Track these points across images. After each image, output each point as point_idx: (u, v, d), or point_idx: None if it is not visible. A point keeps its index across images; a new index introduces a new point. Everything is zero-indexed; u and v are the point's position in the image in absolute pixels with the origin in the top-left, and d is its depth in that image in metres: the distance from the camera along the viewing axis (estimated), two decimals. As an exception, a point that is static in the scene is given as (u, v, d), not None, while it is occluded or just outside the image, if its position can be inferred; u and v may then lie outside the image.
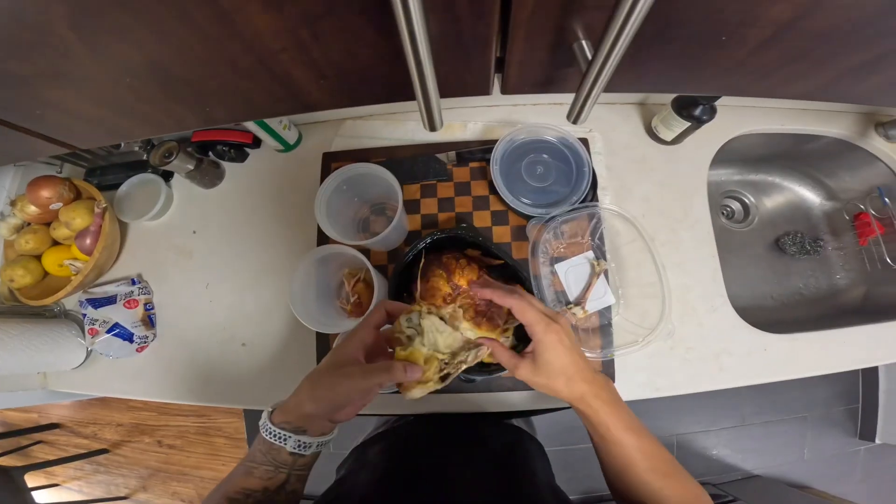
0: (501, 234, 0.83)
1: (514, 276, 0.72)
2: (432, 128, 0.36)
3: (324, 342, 0.81)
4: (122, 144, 0.93)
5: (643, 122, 0.91)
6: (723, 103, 0.83)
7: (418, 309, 0.50)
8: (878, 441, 1.75)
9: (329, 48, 0.31)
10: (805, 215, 1.05)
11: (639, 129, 0.91)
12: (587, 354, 0.69)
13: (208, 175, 0.92)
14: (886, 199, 0.90)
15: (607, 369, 0.77)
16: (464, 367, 0.50)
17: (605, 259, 0.80)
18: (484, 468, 0.60)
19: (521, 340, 0.72)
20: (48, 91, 0.33)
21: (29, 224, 0.90)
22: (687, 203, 0.87)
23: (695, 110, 0.79)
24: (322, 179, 0.88)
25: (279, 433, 0.44)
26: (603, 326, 0.78)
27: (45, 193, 0.82)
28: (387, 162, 0.83)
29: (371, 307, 0.69)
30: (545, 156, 0.82)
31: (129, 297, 0.87)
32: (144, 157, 0.92)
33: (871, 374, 1.78)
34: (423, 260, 0.71)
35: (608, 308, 0.79)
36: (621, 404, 0.50)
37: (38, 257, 0.90)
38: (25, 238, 0.86)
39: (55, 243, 0.90)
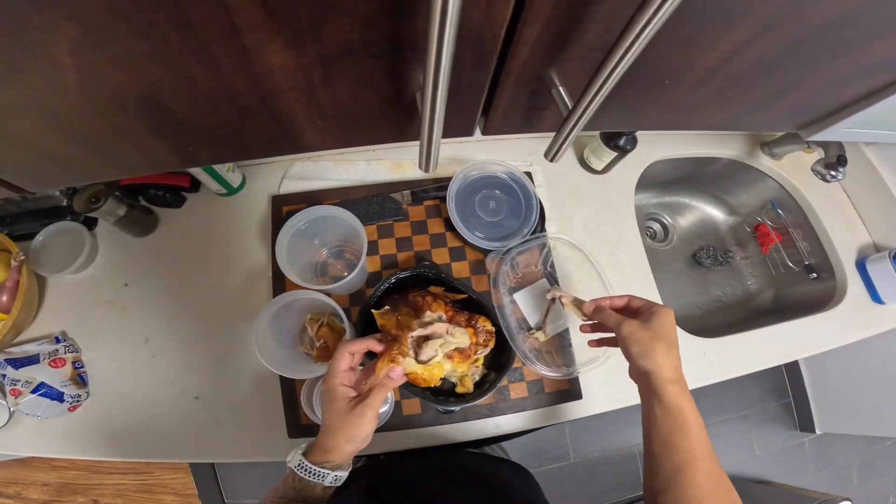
0: (460, 269, 0.85)
1: (479, 307, 0.74)
2: (428, 169, 0.38)
3: (289, 389, 0.78)
4: (40, 193, 0.83)
5: (576, 153, 1.00)
6: (640, 134, 0.92)
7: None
8: (818, 431, 1.92)
9: (336, 90, 0.32)
10: (713, 230, 1.20)
11: (572, 161, 1.00)
12: (551, 374, 0.73)
13: (140, 222, 0.85)
14: (780, 211, 1.06)
15: (574, 387, 0.81)
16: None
17: (557, 284, 0.85)
18: (473, 497, 0.60)
19: (493, 369, 0.74)
20: (18, 122, 0.30)
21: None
22: (620, 227, 0.95)
23: (619, 140, 0.88)
24: (273, 223, 0.86)
25: (319, 472, 0.49)
26: (564, 348, 0.82)
27: (-49, 247, 0.72)
28: (342, 203, 0.83)
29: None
30: (497, 191, 0.86)
31: (53, 355, 0.79)
32: (64, 203, 0.84)
33: (794, 369, 1.97)
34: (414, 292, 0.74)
35: (566, 330, 0.83)
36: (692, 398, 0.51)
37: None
38: (-73, 298, 0.74)
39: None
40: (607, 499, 1.76)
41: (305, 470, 0.49)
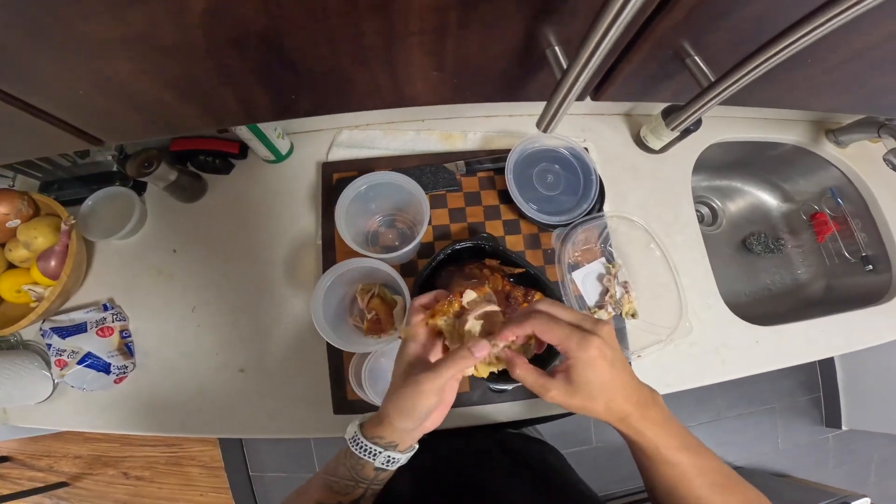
0: (515, 242, 0.83)
1: (536, 283, 0.72)
2: (547, 129, 0.35)
3: (337, 363, 0.76)
4: (91, 152, 0.82)
5: (631, 132, 0.96)
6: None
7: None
8: (844, 427, 1.89)
9: (466, 38, 0.30)
10: (765, 217, 1.15)
11: (627, 139, 0.96)
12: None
13: (189, 188, 0.84)
14: (839, 200, 1.02)
15: (626, 370, 0.78)
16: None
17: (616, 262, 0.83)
18: (519, 477, 0.59)
19: (534, 359, 0.72)
20: (118, 62, 0.28)
21: (-24, 246, 0.77)
22: (676, 208, 0.92)
23: (685, 120, 0.84)
24: (323, 191, 0.84)
25: (371, 448, 0.44)
26: (619, 329, 0.79)
27: (2, 209, 0.71)
28: (394, 172, 0.81)
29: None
30: (556, 165, 0.83)
31: (101, 324, 0.77)
32: (113, 168, 0.83)
33: (827, 364, 1.94)
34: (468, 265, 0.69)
35: (620, 312, 0.81)
36: (672, 421, 0.44)
37: (-8, 283, 0.77)
38: (-25, 263, 0.74)
39: (10, 266, 0.78)
40: (626, 485, 1.76)
41: (357, 444, 0.44)
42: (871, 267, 0.99)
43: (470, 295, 0.48)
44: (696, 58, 0.33)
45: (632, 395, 0.42)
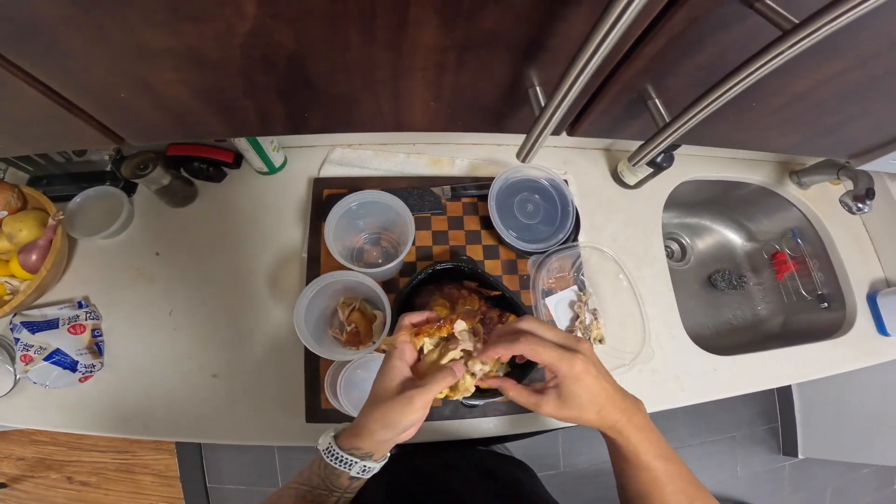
0: (493, 267, 0.87)
1: (511, 306, 0.75)
2: (525, 159, 0.39)
3: (313, 372, 0.77)
4: (87, 150, 0.83)
5: (609, 166, 1.02)
6: (675, 152, 0.95)
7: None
8: (801, 456, 1.97)
9: (461, 75, 0.33)
10: (730, 255, 1.23)
11: (605, 174, 1.02)
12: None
13: (180, 193, 0.85)
14: (799, 240, 1.09)
15: (594, 392, 0.82)
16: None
17: (584, 292, 0.87)
18: (491, 494, 0.61)
19: (520, 367, 0.75)
20: (162, 71, 0.30)
21: (-43, 235, 0.76)
22: (646, 242, 0.97)
23: (657, 157, 0.90)
24: (313, 205, 0.87)
25: (346, 458, 0.45)
26: (587, 353, 0.83)
27: (-9, 201, 0.71)
28: (384, 192, 0.84)
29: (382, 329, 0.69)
30: (536, 196, 0.88)
31: (74, 321, 0.77)
32: (108, 168, 0.84)
33: (785, 395, 2.02)
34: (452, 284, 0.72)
35: (589, 337, 0.85)
36: (652, 428, 0.48)
37: (-34, 274, 0.76)
38: (-45, 252, 0.73)
39: (-11, 257, 0.78)
40: (592, 510, 1.78)
41: (332, 455, 0.45)
42: (826, 305, 1.06)
43: (461, 325, 0.51)
44: (657, 100, 0.38)
45: (618, 402, 0.47)
